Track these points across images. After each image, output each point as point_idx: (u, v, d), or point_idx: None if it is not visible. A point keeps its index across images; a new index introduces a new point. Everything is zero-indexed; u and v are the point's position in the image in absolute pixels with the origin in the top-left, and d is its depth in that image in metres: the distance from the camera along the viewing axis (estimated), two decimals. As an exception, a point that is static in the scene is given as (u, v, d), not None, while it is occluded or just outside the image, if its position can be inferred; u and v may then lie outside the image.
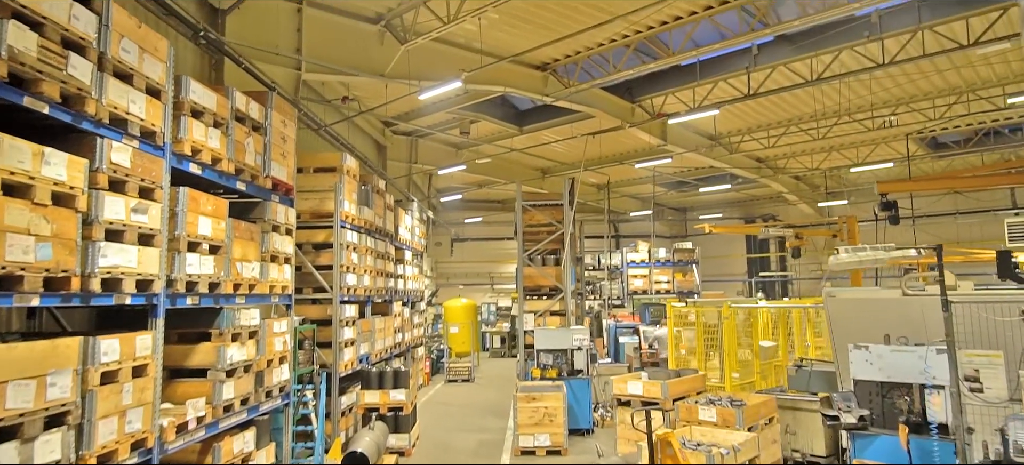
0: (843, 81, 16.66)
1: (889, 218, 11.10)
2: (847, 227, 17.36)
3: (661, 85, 18.07)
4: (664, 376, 9.72)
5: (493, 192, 30.73)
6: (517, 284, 17.06)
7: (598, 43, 14.75)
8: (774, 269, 33.48)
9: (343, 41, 12.05)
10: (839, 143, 22.43)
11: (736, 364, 11.07)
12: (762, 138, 21.44)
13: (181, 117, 6.25)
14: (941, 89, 17.25)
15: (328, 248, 11.34)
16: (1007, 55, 15.24)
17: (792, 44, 15.50)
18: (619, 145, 22.64)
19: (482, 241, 35.15)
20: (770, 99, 18.39)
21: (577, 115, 19.59)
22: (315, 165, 11.68)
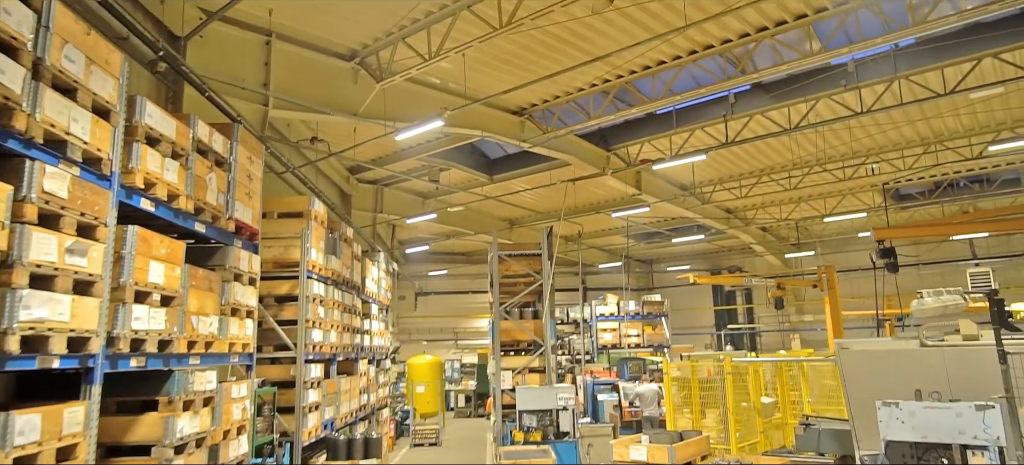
0: (818, 131, 16.69)
1: (887, 266, 10.77)
2: (827, 277, 17.19)
3: (637, 133, 17.81)
4: (668, 439, 8.92)
5: (459, 244, 29.89)
6: (492, 339, 16.10)
7: (578, 88, 14.36)
8: (741, 321, 33.33)
9: (314, 78, 11.26)
10: (809, 193, 22.54)
11: (737, 422, 10.36)
12: (734, 188, 21.34)
13: (133, 144, 5.31)
14: (910, 140, 17.45)
15: (292, 301, 10.28)
16: (975, 106, 15.50)
17: (769, 93, 15.43)
18: (591, 195, 22.24)
19: (447, 295, 34.05)
20: (744, 148, 18.31)
21: (549, 164, 19.11)
22: (280, 210, 10.70)
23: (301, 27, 10.73)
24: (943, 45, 13.22)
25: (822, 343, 30.05)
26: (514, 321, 16.19)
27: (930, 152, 17.59)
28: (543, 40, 11.71)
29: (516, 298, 16.54)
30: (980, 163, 19.30)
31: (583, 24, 10.95)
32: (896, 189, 23.39)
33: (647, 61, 13.17)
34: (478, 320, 34.31)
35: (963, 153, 17.39)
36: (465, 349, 34.68)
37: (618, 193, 21.96)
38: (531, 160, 19.89)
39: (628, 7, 10.24)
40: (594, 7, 9.73)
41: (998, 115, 15.97)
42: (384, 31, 10.94)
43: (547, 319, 15.94)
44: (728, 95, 16.16)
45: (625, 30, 11.40)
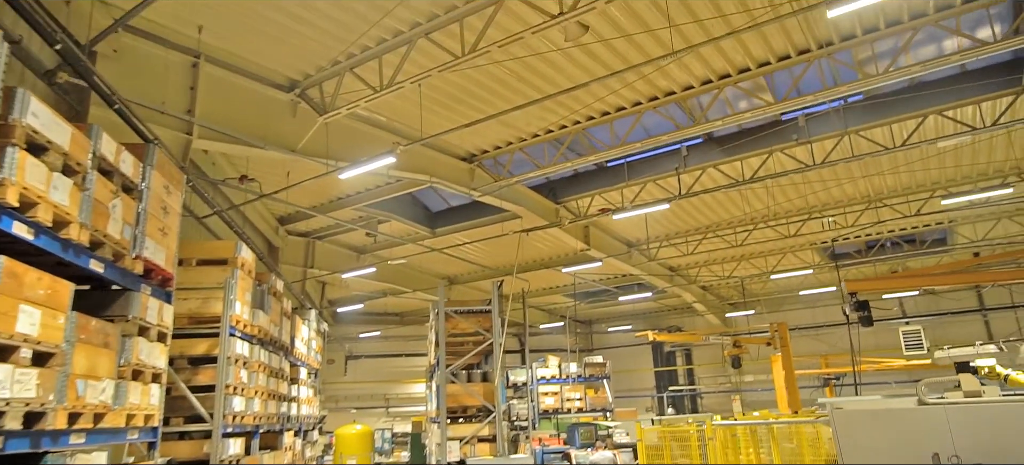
0: (767, 186, 16.66)
1: (861, 319, 10.38)
2: (780, 334, 16.93)
3: (587, 186, 17.27)
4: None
5: (394, 304, 28.29)
6: (438, 403, 14.67)
7: (532, 133, 13.67)
8: (681, 383, 32.93)
9: (248, 108, 10.02)
10: (752, 251, 22.60)
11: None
12: (680, 244, 21.08)
13: (8, 148, 4.01)
14: (852, 197, 17.69)
15: (210, 363, 8.71)
16: (913, 165, 15.84)
17: (721, 146, 15.27)
18: (537, 251, 21.46)
19: (380, 358, 32.06)
20: (694, 204, 18.08)
21: (495, 217, 18.26)
22: (200, 256, 9.22)
23: (235, 50, 9.56)
24: (889, 102, 13.44)
25: (764, 404, 29.94)
26: (461, 384, 14.89)
27: (872, 208, 17.87)
28: (500, 78, 10.99)
29: (463, 359, 15.32)
30: (912, 222, 19.86)
31: (544, 60, 10.32)
32: (832, 249, 23.85)
33: (605, 106, 12.66)
34: (412, 385, 32.41)
35: (901, 211, 17.76)
36: (397, 417, 32.56)
37: (566, 249, 21.28)
38: (475, 213, 18.98)
39: (595, 43, 9.67)
40: (567, 33, 9.08)
41: (932, 174, 16.38)
42: (330, 60, 9.90)
43: (498, 381, 14.76)
44: (681, 148, 15.97)
45: (586, 68, 10.84)
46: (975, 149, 14.55)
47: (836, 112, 14.00)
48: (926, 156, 14.86)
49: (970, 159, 15.15)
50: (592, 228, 19.26)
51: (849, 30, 10.78)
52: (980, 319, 26.11)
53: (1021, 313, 24.77)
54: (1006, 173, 15.22)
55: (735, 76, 11.71)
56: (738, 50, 10.98)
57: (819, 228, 19.07)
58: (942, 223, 20.22)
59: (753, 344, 24.15)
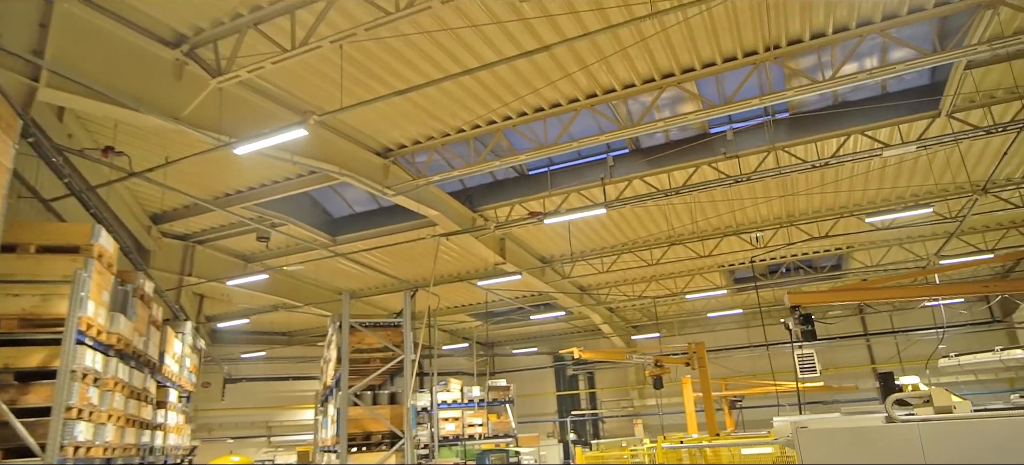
0: (688, 203, 16.37)
1: (804, 333, 9.96)
2: (697, 355, 16.60)
3: (507, 194, 16.21)
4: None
5: (283, 321, 25.72)
6: (338, 429, 12.83)
7: (457, 128, 12.42)
8: (584, 407, 32.41)
9: (120, 62, 8.05)
10: (663, 272, 22.45)
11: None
12: (595, 262, 20.48)
13: None
14: (766, 219, 17.81)
15: (47, 378, 6.70)
16: (832, 186, 16.10)
17: (647, 157, 14.76)
18: (447, 264, 20.07)
19: (264, 381, 29.07)
20: (614, 218, 17.51)
21: (405, 224, 16.78)
22: (41, 241, 7.20)
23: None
24: (814, 118, 13.46)
25: (667, 428, 29.93)
26: (366, 407, 13.16)
27: (784, 227, 18.06)
28: (428, 52, 9.69)
29: (367, 379, 13.61)
30: (814, 245, 20.43)
31: (480, 35, 9.18)
32: (734, 273, 24.24)
33: (528, 104, 11.68)
34: (299, 411, 29.65)
35: (810, 232, 18.12)
36: (281, 447, 29.61)
37: (480, 262, 20.08)
38: (382, 221, 17.38)
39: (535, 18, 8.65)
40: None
41: (854, 196, 16.67)
42: (230, 12, 8.18)
43: (409, 404, 13.17)
44: (607, 158, 15.33)
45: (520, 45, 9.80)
46: (898, 170, 14.87)
47: (763, 127, 13.88)
48: (849, 176, 15.07)
49: (891, 181, 15.55)
50: (508, 241, 18.19)
51: (796, 34, 10.47)
52: (864, 344, 27.54)
53: (901, 338, 26.33)
54: (921, 196, 15.75)
55: (676, 77, 11.11)
56: (666, 54, 10.42)
57: (733, 248, 19.11)
58: (841, 249, 20.99)
59: (669, 365, 23.89)
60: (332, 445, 14.12)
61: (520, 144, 12.89)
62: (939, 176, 15.04)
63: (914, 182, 15.21)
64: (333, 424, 13.88)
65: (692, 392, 20.15)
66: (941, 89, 11.99)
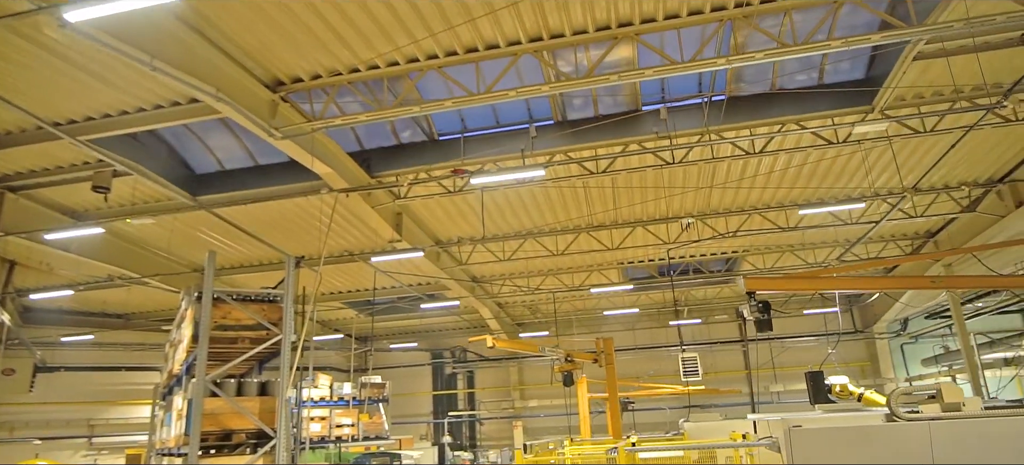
0: (613, 185, 15.28)
1: (758, 323, 8.99)
2: (605, 352, 15.55)
3: (411, 160, 14.18)
4: None
5: (118, 299, 21.65)
6: (188, 426, 10.14)
7: (368, 62, 10.26)
8: (462, 408, 30.70)
9: None
10: (563, 265, 21.35)
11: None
12: (496, 248, 18.90)
13: None
14: (678, 212, 17.18)
15: None
16: (742, 183, 15.69)
17: (574, 130, 13.43)
18: (332, 239, 17.54)
19: (90, 371, 24.41)
20: (523, 200, 16.03)
21: (286, 187, 14.27)
22: None
23: None
24: (749, 104, 12.83)
25: (549, 431, 29.00)
26: (228, 399, 10.56)
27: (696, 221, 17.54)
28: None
29: (230, 364, 11.04)
30: (714, 246, 20.28)
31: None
32: (628, 269, 23.73)
33: (457, 42, 9.87)
34: (133, 408, 25.33)
35: (719, 229, 17.76)
36: (104, 449, 25.07)
37: (370, 239, 17.77)
38: (258, 182, 14.68)
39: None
40: None
41: (779, 193, 16.38)
42: None
43: (284, 396, 10.79)
44: (529, 128, 13.82)
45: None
46: (830, 165, 14.59)
47: (698, 109, 13.05)
48: (783, 169, 14.62)
49: (818, 180, 15.37)
50: (405, 218, 16.11)
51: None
52: (740, 349, 28.28)
53: (775, 344, 27.26)
54: (852, 195, 15.69)
55: (634, 27, 9.80)
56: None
57: (639, 242, 18.35)
58: (737, 251, 21.03)
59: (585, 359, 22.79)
60: (177, 446, 11.34)
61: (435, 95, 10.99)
62: (875, 177, 15.03)
63: (841, 182, 15.17)
64: (179, 420, 11.14)
65: (587, 392, 19.16)
66: (880, 82, 11.70)
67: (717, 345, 27.94)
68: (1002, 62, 11.11)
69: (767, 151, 12.78)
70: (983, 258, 15.75)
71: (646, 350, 28.37)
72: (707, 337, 28.06)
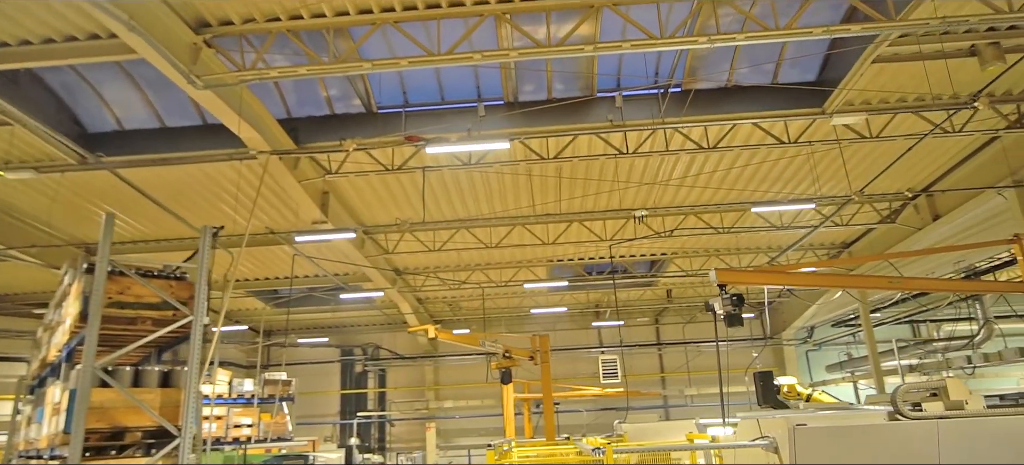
0: (544, 175, 14.62)
1: (729, 318, 8.54)
2: (542, 349, 14.85)
3: (346, 133, 12.90)
4: None
5: (-23, 276, 18.68)
6: (69, 422, 8.45)
7: (314, 8, 9.00)
8: (372, 408, 29.12)
9: None
10: (493, 259, 20.52)
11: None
12: (427, 239, 17.81)
13: None
14: (621, 207, 16.81)
15: None
16: (687, 180, 15.53)
17: (524, 112, 12.68)
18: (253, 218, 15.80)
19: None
20: (460, 185, 15.09)
21: (198, 153, 12.59)
22: None
23: None
24: (704, 99, 12.59)
25: (463, 433, 28.03)
26: (121, 390, 8.96)
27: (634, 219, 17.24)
28: None
29: (124, 350, 9.45)
30: (656, 245, 20.17)
31: None
32: (556, 268, 23.27)
33: None
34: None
35: (656, 228, 17.57)
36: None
37: (290, 219, 16.18)
38: (165, 146, 12.88)
39: None
40: None
41: (724, 194, 16.32)
42: None
43: (192, 389, 9.33)
44: (478, 107, 12.92)
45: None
46: (782, 168, 14.58)
47: (653, 100, 12.65)
48: (731, 168, 14.48)
49: (769, 184, 15.41)
50: (332, 194, 14.73)
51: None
52: (656, 353, 28.58)
53: (691, 349, 27.75)
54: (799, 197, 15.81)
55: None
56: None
57: (575, 238, 17.84)
58: (665, 254, 21.04)
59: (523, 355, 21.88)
60: (49, 447, 9.69)
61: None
62: (822, 183, 15.23)
63: (788, 187, 15.30)
64: (55, 416, 9.44)
65: (513, 393, 18.41)
66: (833, 84, 11.74)
67: (634, 349, 28.08)
68: (944, 73, 11.43)
69: (720, 146, 12.56)
70: (900, 266, 16.44)
71: (565, 352, 28.05)
72: (624, 339, 28.16)
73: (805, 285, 8.46)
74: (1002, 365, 16.24)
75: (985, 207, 14.48)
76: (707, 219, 17.27)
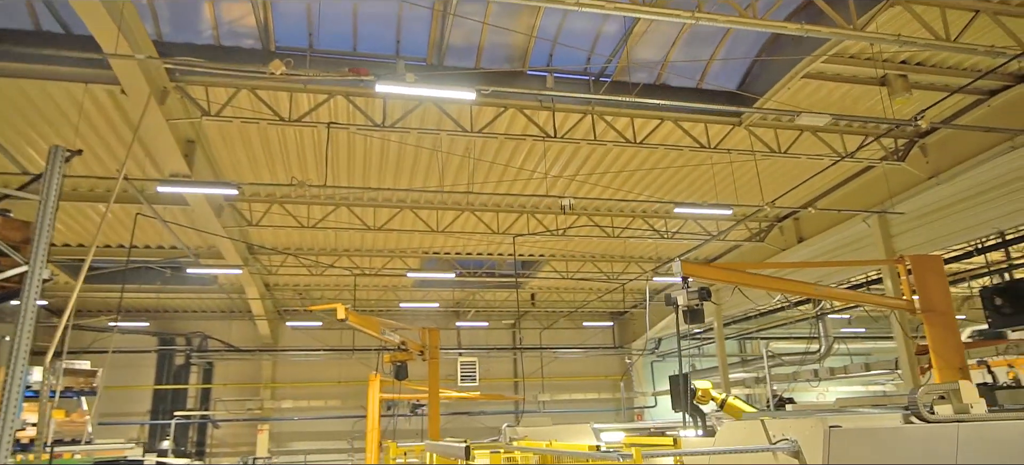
0: (452, 154, 13.46)
1: (693, 312, 7.98)
2: (429, 344, 13.39)
3: (234, 68, 10.70)
4: None
5: None
6: None
7: None
8: (193, 406, 25.29)
9: None
10: (367, 246, 18.66)
11: None
12: (302, 214, 15.60)
13: None
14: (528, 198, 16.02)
15: None
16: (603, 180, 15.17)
17: (448, 74, 11.43)
18: (97, 155, 12.57)
19: None
20: (360, 150, 13.37)
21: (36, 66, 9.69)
22: None
23: None
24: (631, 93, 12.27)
25: (300, 436, 25.29)
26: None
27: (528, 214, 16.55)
28: None
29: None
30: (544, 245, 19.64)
31: None
32: (431, 261, 21.96)
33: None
34: None
35: (549, 226, 17.04)
36: None
37: (141, 168, 13.20)
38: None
39: None
40: None
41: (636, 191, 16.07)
42: None
43: (17, 368, 6.99)
44: (397, 62, 11.39)
45: None
46: (702, 172, 14.56)
47: (584, 86, 12.06)
48: (652, 169, 14.22)
49: (685, 189, 15.37)
50: (199, 141, 12.20)
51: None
52: (511, 357, 28.20)
53: (547, 354, 27.72)
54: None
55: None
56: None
57: (468, 228, 16.75)
58: (544, 254, 20.68)
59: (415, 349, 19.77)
60: None
61: None
62: (720, 191, 15.51)
63: (708, 196, 15.46)
64: None
65: (379, 392, 16.73)
66: (755, 92, 12.00)
67: (493, 352, 27.47)
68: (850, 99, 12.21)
69: (645, 143, 12.29)
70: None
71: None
72: (483, 343, 27.47)
73: (764, 287, 8.28)
74: (847, 377, 18.01)
75: (848, 233, 15.87)
76: (598, 220, 17.13)
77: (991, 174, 12.44)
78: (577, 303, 26.27)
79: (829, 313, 19.54)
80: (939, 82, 11.71)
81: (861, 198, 15.29)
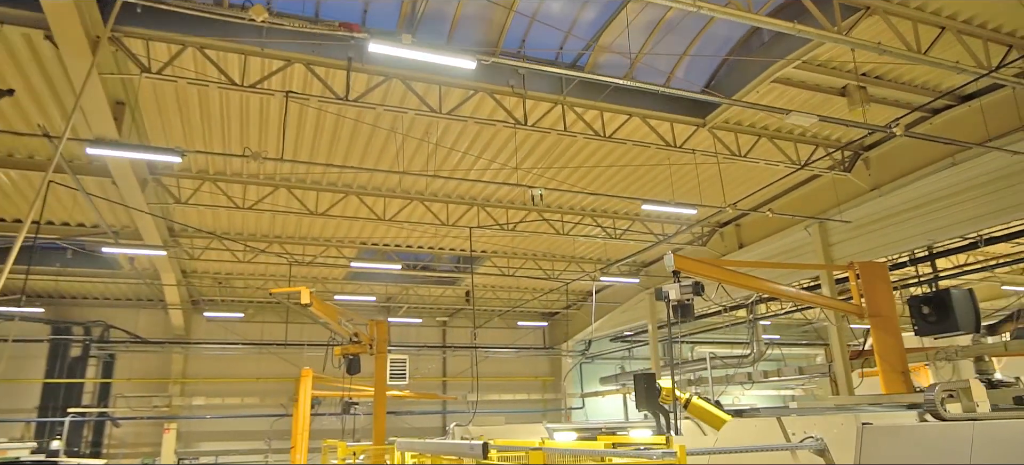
0: (430, 143, 12.81)
1: (683, 308, 7.73)
2: (378, 334, 12.54)
3: (180, 25, 9.63)
4: None
5: None
6: None
7: None
8: (90, 402, 22.95)
9: None
10: (305, 232, 17.50)
11: None
12: (237, 194, 14.36)
13: None
14: (465, 197, 15.51)
15: None
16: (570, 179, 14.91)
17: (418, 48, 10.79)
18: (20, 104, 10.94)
19: None
20: (309, 123, 12.43)
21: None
22: None
23: None
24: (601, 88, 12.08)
25: (214, 436, 23.49)
26: None
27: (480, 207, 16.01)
28: None
29: None
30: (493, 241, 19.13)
31: None
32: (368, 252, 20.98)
33: None
34: None
35: (499, 219, 16.58)
36: None
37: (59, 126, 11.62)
38: None
39: None
40: None
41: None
42: None
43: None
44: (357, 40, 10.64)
45: None
46: (662, 171, 14.45)
47: (555, 80, 11.73)
48: (620, 165, 13.99)
49: (646, 187, 15.19)
50: (138, 109, 10.91)
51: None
52: (441, 355, 27.50)
53: (478, 353, 27.21)
54: None
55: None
56: None
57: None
58: (485, 251, 20.20)
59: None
60: None
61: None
62: (680, 192, 15.52)
63: (673, 194, 15.40)
64: None
65: (310, 390, 15.69)
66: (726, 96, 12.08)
67: (424, 350, 26.67)
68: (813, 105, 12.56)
69: (614, 137, 12.12)
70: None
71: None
72: (414, 340, 26.63)
73: (741, 285, 8.23)
74: (779, 380, 18.66)
75: (789, 240, 16.42)
76: (549, 216, 16.88)
77: (929, 188, 13.15)
78: (512, 301, 25.94)
79: (761, 319, 20.22)
80: (891, 97, 12.24)
81: (802, 207, 15.85)
